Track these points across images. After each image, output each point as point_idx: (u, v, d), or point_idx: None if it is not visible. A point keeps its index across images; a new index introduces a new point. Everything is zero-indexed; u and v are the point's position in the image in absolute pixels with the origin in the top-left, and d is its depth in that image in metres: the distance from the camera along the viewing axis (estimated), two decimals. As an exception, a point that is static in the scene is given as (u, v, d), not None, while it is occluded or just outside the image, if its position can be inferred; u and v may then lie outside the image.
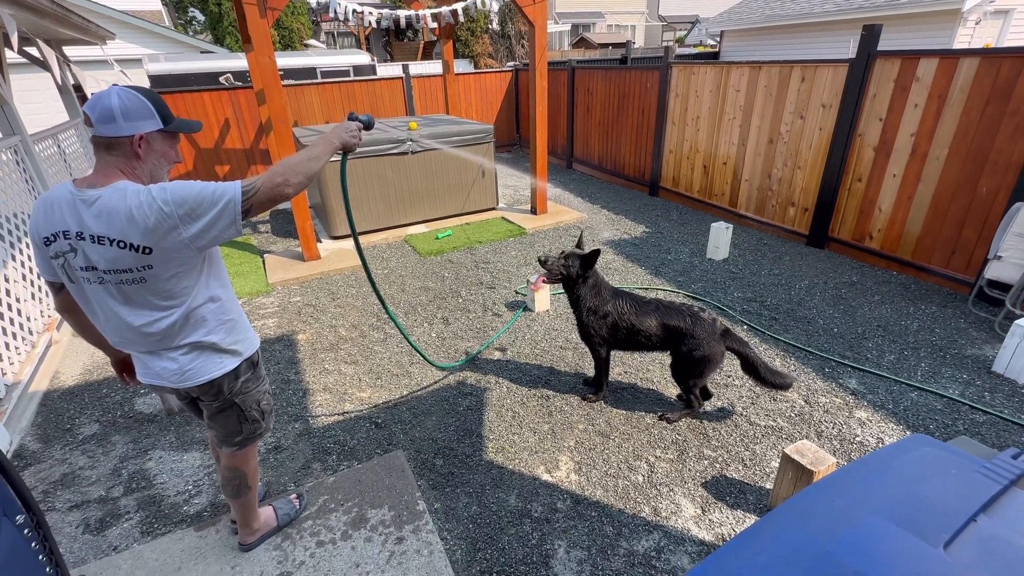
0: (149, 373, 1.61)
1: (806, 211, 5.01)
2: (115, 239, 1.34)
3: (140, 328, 1.49)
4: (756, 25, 12.33)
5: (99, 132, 1.36)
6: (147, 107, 1.40)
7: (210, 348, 1.59)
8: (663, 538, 2.14)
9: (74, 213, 1.35)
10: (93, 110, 1.35)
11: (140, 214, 1.33)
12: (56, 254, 1.39)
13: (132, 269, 1.38)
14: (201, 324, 1.55)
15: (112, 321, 1.49)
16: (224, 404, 1.71)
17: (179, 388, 1.63)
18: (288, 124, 4.57)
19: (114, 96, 1.36)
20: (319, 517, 2.26)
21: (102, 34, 5.74)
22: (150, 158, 1.45)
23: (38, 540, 1.14)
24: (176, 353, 1.56)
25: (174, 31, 13.38)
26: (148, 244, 1.35)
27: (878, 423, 2.72)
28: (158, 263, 1.39)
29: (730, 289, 4.25)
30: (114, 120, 1.35)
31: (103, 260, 1.37)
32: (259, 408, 1.80)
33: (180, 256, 1.41)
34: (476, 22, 18.79)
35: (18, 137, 4.08)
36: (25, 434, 2.88)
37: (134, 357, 1.63)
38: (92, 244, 1.35)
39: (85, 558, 2.12)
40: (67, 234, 1.36)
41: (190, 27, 21.59)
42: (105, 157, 1.39)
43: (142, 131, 1.40)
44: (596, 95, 7.71)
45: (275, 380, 3.27)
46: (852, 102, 4.38)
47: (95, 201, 1.34)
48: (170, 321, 1.50)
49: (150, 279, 1.41)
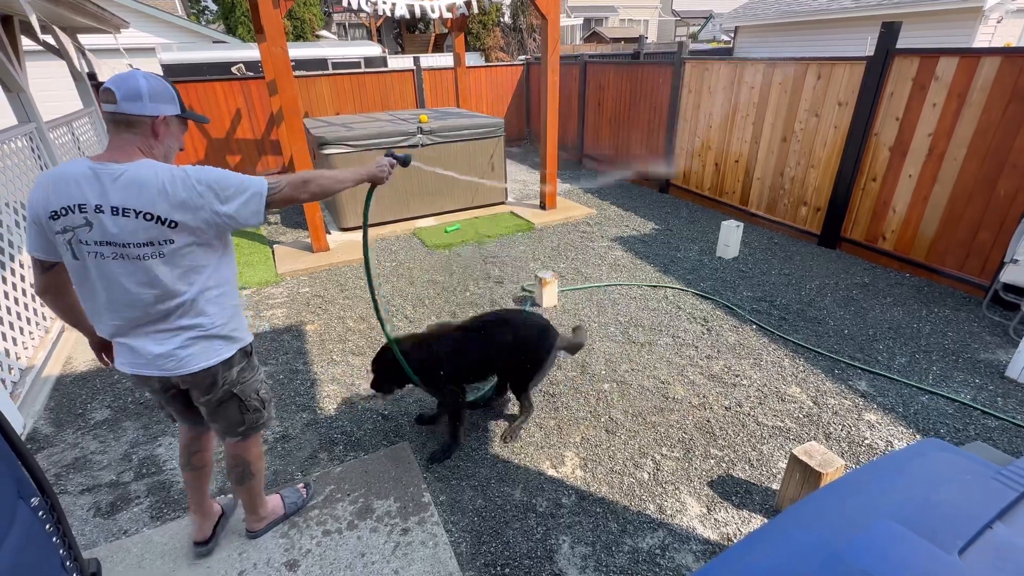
0: (139, 361, 1.56)
1: (818, 211, 4.96)
2: (141, 211, 1.37)
3: (148, 306, 1.47)
4: (771, 21, 12.18)
5: (122, 109, 1.38)
6: (170, 92, 1.48)
7: (210, 334, 1.58)
8: (668, 536, 2.14)
9: (94, 186, 1.36)
10: (119, 88, 1.38)
11: (173, 188, 1.38)
12: (65, 228, 1.37)
13: (154, 242, 1.40)
14: (207, 308, 1.56)
15: (117, 299, 1.46)
16: (223, 396, 1.70)
17: (172, 376, 1.58)
18: (299, 115, 4.57)
19: (141, 78, 1.41)
20: (326, 507, 2.28)
21: (117, 22, 5.77)
22: (166, 140, 1.49)
23: (52, 523, 1.16)
24: (177, 338, 1.54)
25: (187, 20, 13.42)
26: (175, 218, 1.40)
27: (888, 426, 2.70)
28: (180, 239, 1.43)
29: (739, 288, 4.22)
30: (141, 99, 1.40)
31: (124, 233, 1.37)
32: (258, 397, 1.81)
33: (202, 236, 1.47)
34: (488, 15, 18.69)
35: (33, 124, 4.12)
36: (38, 418, 2.92)
37: (121, 345, 1.57)
38: (113, 216, 1.36)
39: (96, 541, 2.15)
40: (83, 207, 1.36)
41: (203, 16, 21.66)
42: (124, 135, 1.42)
43: (165, 113, 1.45)
44: (608, 90, 7.65)
45: (283, 370, 3.29)
46: (869, 101, 4.32)
47: (122, 174, 1.36)
48: (180, 300, 1.50)
49: (169, 254, 1.43)
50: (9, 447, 1.08)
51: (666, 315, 3.84)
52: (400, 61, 12.79)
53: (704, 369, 3.20)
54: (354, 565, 2.02)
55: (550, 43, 5.36)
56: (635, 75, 7.01)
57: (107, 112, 1.41)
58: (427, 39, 21.61)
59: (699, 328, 3.66)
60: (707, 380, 3.10)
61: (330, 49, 10.83)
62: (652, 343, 3.49)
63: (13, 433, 1.08)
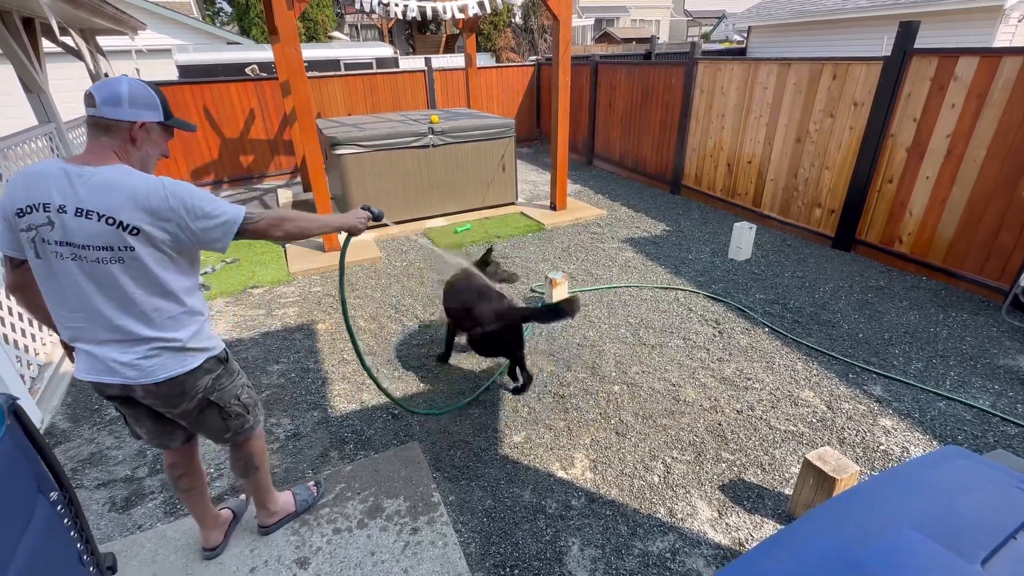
0: (98, 367, 1.50)
1: (833, 212, 4.90)
2: (104, 215, 1.34)
3: (108, 313, 1.44)
4: (785, 21, 12.05)
5: (101, 113, 1.39)
6: (152, 98, 1.46)
7: (174, 347, 1.53)
8: (678, 540, 2.12)
9: (62, 186, 1.35)
10: (100, 92, 1.38)
11: (143, 195, 1.37)
12: (29, 226, 1.36)
13: (113, 247, 1.37)
14: (169, 323, 1.51)
15: (78, 302, 1.44)
16: (200, 404, 1.65)
17: (135, 384, 1.51)
18: (312, 115, 4.61)
19: (124, 83, 1.42)
20: (336, 505, 2.29)
21: (134, 24, 5.86)
22: (144, 146, 1.48)
23: (70, 517, 1.17)
24: (140, 347, 1.48)
25: (202, 22, 13.59)
26: (139, 225, 1.37)
27: (904, 432, 2.65)
28: (141, 247, 1.39)
29: (752, 290, 4.18)
30: (119, 104, 1.40)
31: (83, 235, 1.35)
32: (240, 402, 1.76)
33: (164, 249, 1.44)
34: (499, 16, 18.72)
35: (53, 124, 4.20)
36: (56, 413, 2.97)
37: (80, 350, 1.52)
38: (75, 218, 1.34)
39: (111, 535, 2.18)
40: (47, 207, 1.34)
41: (217, 18, 21.92)
42: (102, 139, 1.42)
43: (143, 119, 1.44)
44: (619, 91, 7.62)
45: (294, 368, 3.32)
46: (885, 101, 4.26)
47: (93, 176, 1.36)
48: (141, 310, 1.46)
49: (128, 261, 1.40)
50: (29, 442, 1.09)
51: (677, 317, 3.82)
52: (411, 62, 12.86)
53: (715, 372, 3.18)
54: (364, 563, 2.03)
55: (561, 43, 5.35)
56: (647, 75, 6.98)
57: (88, 115, 1.41)
58: (438, 40, 21.69)
59: (710, 330, 3.63)
60: (718, 383, 3.07)
61: (342, 50, 10.91)
62: (663, 345, 3.46)
63: (33, 428, 1.10)
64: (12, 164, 3.51)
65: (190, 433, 1.84)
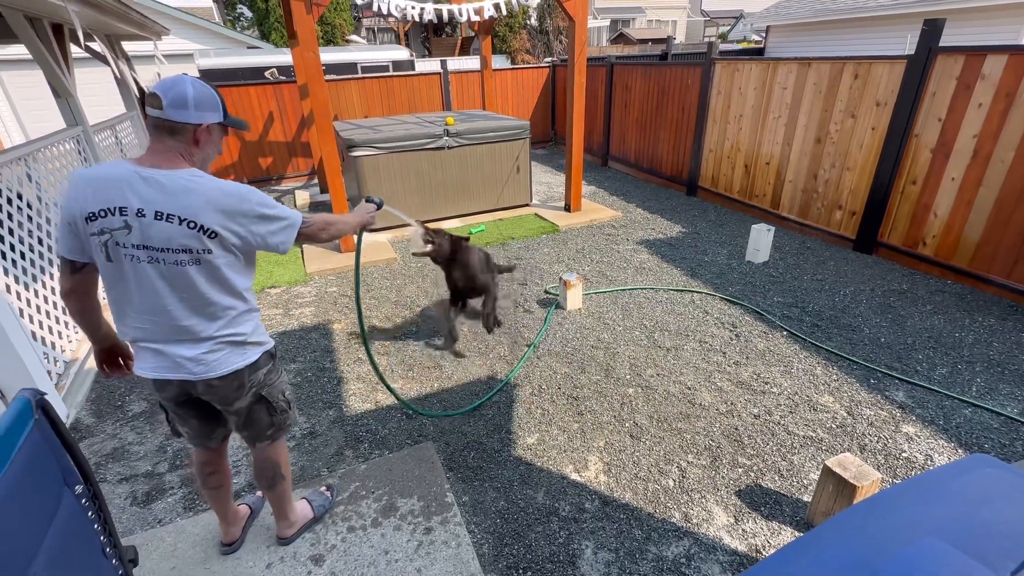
0: (164, 364, 1.54)
1: (854, 215, 4.80)
2: (185, 218, 1.38)
3: (180, 312, 1.48)
4: (805, 20, 11.86)
5: (167, 115, 1.39)
6: (215, 99, 1.48)
7: (237, 341, 1.59)
8: (693, 545, 2.10)
9: (137, 190, 1.36)
10: (167, 94, 1.39)
11: (219, 199, 1.41)
12: (102, 230, 1.38)
13: (191, 250, 1.41)
14: (237, 319, 1.58)
15: (149, 303, 1.47)
16: (252, 399, 1.71)
17: (198, 379, 1.57)
18: (329, 117, 4.67)
19: (188, 84, 1.42)
20: (351, 503, 2.31)
21: (158, 30, 6.00)
22: (206, 147, 1.50)
23: (94, 510, 1.20)
24: (206, 343, 1.54)
25: (223, 27, 13.85)
26: (216, 229, 1.42)
27: (927, 439, 2.59)
28: (217, 249, 1.44)
29: (769, 293, 4.12)
30: (186, 107, 1.41)
31: (162, 238, 1.38)
32: (284, 398, 1.83)
33: (236, 251, 1.50)
34: (514, 18, 18.75)
35: (80, 127, 4.31)
36: (80, 408, 3.05)
37: (144, 349, 1.55)
38: (155, 221, 1.37)
39: (132, 529, 2.23)
40: (124, 210, 1.36)
41: (238, 23, 22.33)
42: (166, 140, 1.43)
43: (207, 121, 1.46)
44: (635, 92, 7.58)
45: (310, 367, 3.36)
46: (909, 101, 4.16)
47: (168, 180, 1.38)
48: (212, 309, 1.52)
49: (204, 263, 1.45)
50: (56, 437, 1.12)
51: (693, 320, 3.78)
52: (427, 64, 12.94)
53: (732, 375, 3.13)
54: (378, 562, 2.04)
55: (577, 45, 5.34)
56: (663, 76, 6.93)
57: (152, 117, 1.42)
58: (454, 42, 21.81)
59: (727, 333, 3.58)
60: (735, 387, 3.03)
61: (359, 53, 11.03)
62: (678, 348, 3.43)
63: (60, 423, 1.12)
64: (41, 166, 3.61)
65: (228, 432, 1.88)
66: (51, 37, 4.05)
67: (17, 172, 3.27)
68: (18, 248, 3.08)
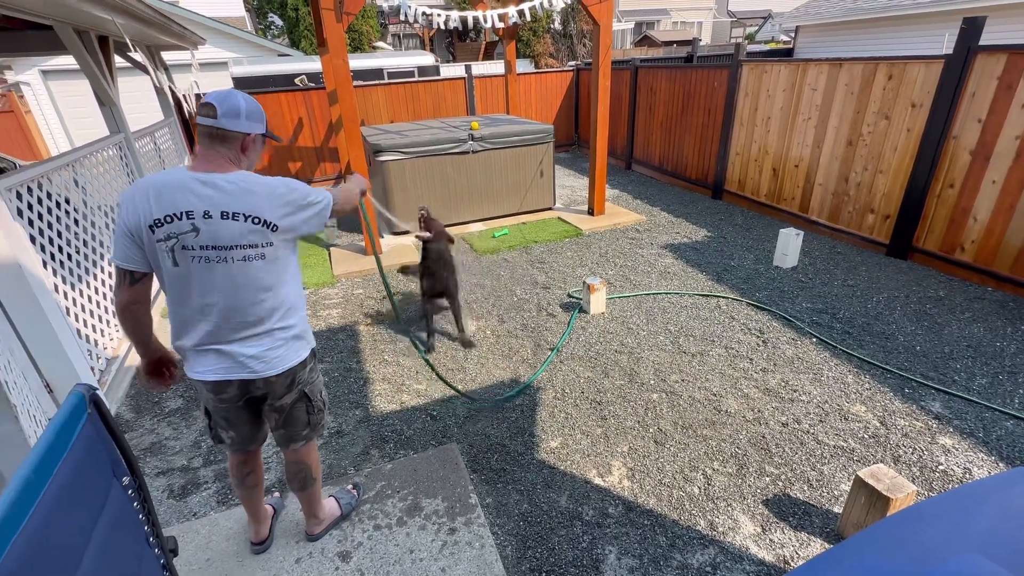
0: (225, 365, 1.61)
1: (887, 219, 4.67)
2: (250, 215, 1.49)
3: (247, 308, 1.56)
4: (836, 19, 11.59)
5: (221, 124, 1.50)
6: (261, 113, 1.60)
7: (294, 335, 1.69)
8: (719, 554, 2.07)
9: (199, 194, 1.45)
10: (221, 105, 1.49)
11: (275, 193, 1.53)
12: (168, 236, 1.43)
13: (258, 244, 1.51)
14: (292, 309, 1.67)
15: (214, 302, 1.53)
16: (297, 396, 1.77)
17: (259, 377, 1.64)
18: (357, 123, 4.76)
19: (240, 97, 1.53)
20: (376, 502, 2.35)
21: (195, 40, 6.22)
22: (251, 154, 1.61)
23: (139, 500, 1.26)
24: (268, 339, 1.63)
25: (255, 36, 14.27)
26: (276, 221, 1.52)
27: (965, 452, 2.50)
28: (277, 241, 1.55)
29: (798, 299, 4.03)
30: (238, 117, 1.51)
31: (230, 235, 1.47)
32: (322, 398, 1.89)
33: (289, 240, 1.61)
34: (538, 22, 18.81)
35: (122, 135, 4.51)
36: (120, 404, 3.18)
37: (207, 351, 1.60)
38: (222, 220, 1.46)
39: (169, 521, 2.31)
40: (190, 214, 1.44)
41: (269, 31, 22.95)
42: (218, 147, 1.52)
43: (255, 132, 1.57)
44: (659, 95, 7.52)
45: (338, 368, 3.43)
46: (947, 102, 4.04)
47: (226, 182, 1.48)
48: (275, 303, 1.61)
49: (269, 256, 1.55)
50: (106, 429, 1.18)
51: (719, 325, 3.72)
52: (452, 69, 13.08)
53: (759, 383, 3.08)
54: (403, 560, 2.07)
55: (602, 48, 5.33)
56: (688, 78, 6.86)
57: (204, 125, 1.50)
58: (478, 47, 21.98)
59: (754, 340, 3.52)
60: (762, 394, 2.98)
61: (386, 60, 11.21)
62: (704, 354, 3.39)
63: (110, 416, 1.18)
64: (87, 171, 3.78)
65: (266, 433, 1.94)
66: (97, 48, 4.25)
67: (65, 177, 3.44)
68: (65, 250, 3.23)
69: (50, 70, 10.73)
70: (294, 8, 18.10)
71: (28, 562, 0.80)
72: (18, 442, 2.02)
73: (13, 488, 0.84)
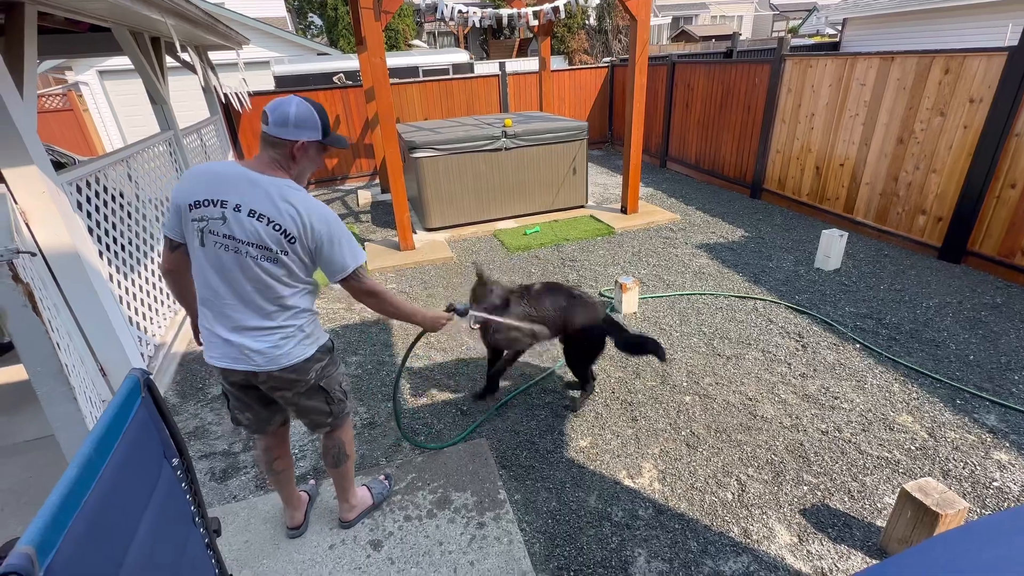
0: (230, 354, 1.68)
1: (940, 220, 4.43)
2: (273, 220, 1.55)
3: (255, 302, 1.63)
4: (887, 11, 11.06)
5: (270, 131, 1.58)
6: (315, 120, 1.62)
7: (301, 334, 1.73)
8: (753, 562, 2.02)
9: (240, 189, 1.54)
10: (273, 112, 1.57)
11: (307, 214, 1.57)
12: (202, 217, 1.55)
13: (273, 249, 1.57)
14: (301, 311, 1.72)
15: (227, 292, 1.62)
16: (311, 389, 1.82)
17: (261, 371, 1.70)
18: (393, 120, 4.83)
19: (293, 106, 1.58)
20: (407, 493, 2.39)
21: (240, 40, 6.43)
22: (302, 162, 1.65)
23: (187, 481, 1.32)
24: (273, 336, 1.68)
25: (296, 35, 14.64)
26: (297, 236, 1.58)
27: (1023, 468, 2.35)
28: (292, 253, 1.60)
29: (840, 303, 3.88)
30: (286, 125, 1.57)
31: (248, 233, 1.54)
32: (341, 389, 1.94)
33: (304, 258, 1.65)
34: (573, 18, 18.64)
35: (172, 131, 4.70)
36: (167, 389, 3.33)
37: (214, 338, 1.69)
38: (247, 217, 1.54)
39: (210, 503, 2.41)
40: (224, 203, 1.54)
41: (309, 31, 23.54)
42: (269, 152, 1.61)
43: (303, 139, 1.60)
44: (697, 91, 7.35)
45: (370, 360, 3.50)
46: (1009, 97, 3.80)
47: (269, 186, 1.55)
48: (283, 304, 1.66)
49: (279, 263, 1.61)
50: (158, 413, 1.24)
51: (755, 328, 3.62)
52: (486, 67, 13.11)
53: (797, 388, 2.98)
54: (432, 552, 2.10)
55: (638, 44, 5.25)
56: (727, 74, 6.68)
57: (262, 131, 1.61)
58: (511, 44, 21.96)
59: (793, 344, 3.41)
60: (801, 400, 2.88)
61: (421, 57, 11.33)
62: (739, 357, 3.30)
63: (162, 400, 1.24)
64: (139, 166, 3.97)
65: (285, 417, 2.00)
66: (150, 49, 4.45)
67: (120, 172, 3.62)
68: (120, 241, 3.40)
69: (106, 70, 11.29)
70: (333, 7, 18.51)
71: (88, 535, 0.85)
72: (76, 421, 2.14)
73: (76, 465, 0.89)
